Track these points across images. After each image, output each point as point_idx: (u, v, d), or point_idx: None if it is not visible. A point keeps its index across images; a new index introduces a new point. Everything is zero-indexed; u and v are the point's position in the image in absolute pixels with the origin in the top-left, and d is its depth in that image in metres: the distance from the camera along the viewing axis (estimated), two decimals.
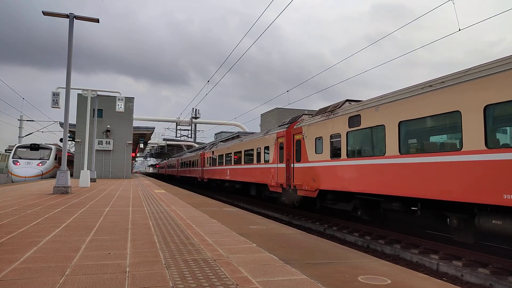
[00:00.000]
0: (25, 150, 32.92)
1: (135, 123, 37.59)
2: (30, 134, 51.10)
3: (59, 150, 34.34)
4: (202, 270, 3.69)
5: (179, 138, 70.24)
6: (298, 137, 14.08)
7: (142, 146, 49.38)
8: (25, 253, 4.33)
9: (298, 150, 13.94)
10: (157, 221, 7.18)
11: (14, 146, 35.15)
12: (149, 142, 54.90)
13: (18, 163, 31.18)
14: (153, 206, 9.95)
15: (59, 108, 17.14)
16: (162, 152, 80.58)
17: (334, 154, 11.45)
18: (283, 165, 14.92)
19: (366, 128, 9.99)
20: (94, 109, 25.44)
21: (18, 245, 4.77)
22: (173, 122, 67.19)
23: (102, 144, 33.41)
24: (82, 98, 30.05)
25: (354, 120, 10.48)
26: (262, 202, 19.99)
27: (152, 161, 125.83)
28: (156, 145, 71.50)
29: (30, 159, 31.77)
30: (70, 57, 14.73)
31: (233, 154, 22.46)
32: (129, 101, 34.05)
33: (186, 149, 59.80)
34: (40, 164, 31.83)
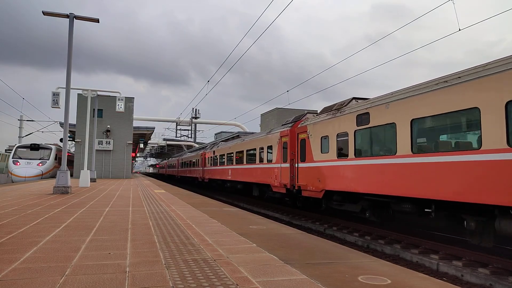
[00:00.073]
0: (25, 150, 32.92)
1: (135, 123, 37.63)
2: (30, 134, 51.19)
3: (59, 150, 34.35)
4: (202, 270, 3.69)
5: (179, 138, 70.27)
6: (302, 136, 13.74)
7: (142, 146, 49.39)
8: (25, 253, 4.33)
9: (303, 149, 13.63)
10: (157, 221, 7.18)
11: (14, 146, 35.13)
12: (149, 142, 54.91)
13: (18, 163, 31.19)
14: (153, 206, 9.95)
15: (59, 108, 17.15)
16: (162, 152, 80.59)
17: (341, 154, 11.13)
18: (287, 165, 14.59)
19: (375, 126, 9.65)
20: (94, 109, 25.45)
21: (18, 245, 4.77)
22: (173, 122, 67.23)
23: (102, 144, 33.41)
24: (82, 98, 30.06)
25: (363, 118, 10.14)
26: (262, 202, 19.97)
27: (152, 161, 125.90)
28: (156, 145, 71.52)
29: (30, 159, 31.77)
30: (70, 57, 14.74)
31: (234, 154, 22.16)
32: (129, 101, 34.05)
33: (186, 149, 59.80)
34: (40, 164, 31.83)
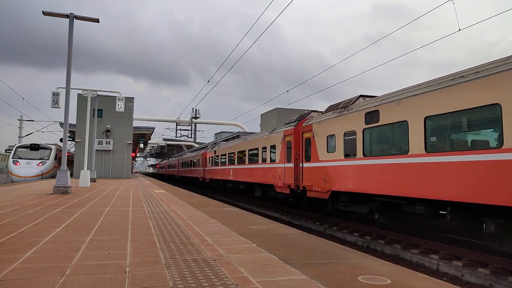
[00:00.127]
0: (25, 150, 32.93)
1: (135, 123, 37.64)
2: (30, 134, 51.21)
3: (59, 150, 34.35)
4: (202, 270, 3.69)
5: (179, 138, 70.28)
6: (307, 135, 13.40)
7: (142, 146, 49.40)
8: (25, 253, 4.33)
9: (308, 149, 13.31)
10: (157, 221, 7.17)
11: (14, 146, 35.15)
12: (149, 142, 54.93)
13: (18, 163, 31.20)
14: (153, 206, 9.95)
15: (59, 108, 17.16)
16: (162, 152, 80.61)
17: (349, 153, 10.78)
18: (291, 164, 14.28)
19: (385, 124, 9.26)
20: (94, 109, 25.46)
21: (18, 245, 4.77)
22: (173, 122, 67.25)
23: (102, 144, 33.41)
24: (82, 98, 30.07)
25: (372, 116, 9.76)
26: (262, 202, 19.97)
27: (152, 161, 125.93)
28: (156, 145, 71.53)
29: (30, 159, 31.78)
30: (70, 57, 14.74)
31: (236, 154, 21.90)
32: (129, 101, 34.06)
33: (186, 149, 59.81)
34: (40, 164, 31.84)
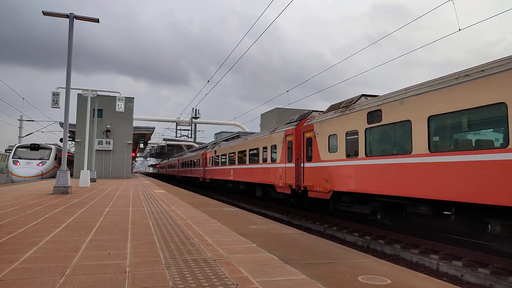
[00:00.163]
0: (25, 150, 32.93)
1: (135, 123, 37.65)
2: (30, 134, 51.20)
3: (59, 150, 34.35)
4: (202, 270, 3.69)
5: (179, 138, 70.29)
6: (308, 135, 13.32)
7: (142, 146, 49.41)
8: (25, 253, 4.33)
9: (309, 148, 13.22)
10: (157, 221, 7.18)
11: (14, 146, 35.16)
12: (149, 142, 54.93)
13: (18, 163, 31.20)
14: (153, 206, 9.95)
15: (59, 108, 17.16)
16: (162, 152, 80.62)
17: (351, 153, 10.68)
18: (292, 164, 14.21)
19: (388, 124, 9.18)
20: (94, 109, 25.46)
21: (18, 245, 4.77)
22: (173, 122, 67.25)
23: (102, 144, 33.42)
24: (82, 98, 30.07)
25: (374, 115, 9.67)
26: (262, 202, 19.96)
27: (152, 161, 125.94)
28: (156, 145, 71.54)
29: (30, 159, 31.78)
30: (70, 57, 14.74)
31: (237, 154, 21.81)
32: (129, 101, 34.06)
33: (186, 149, 59.81)
34: (40, 164, 31.84)
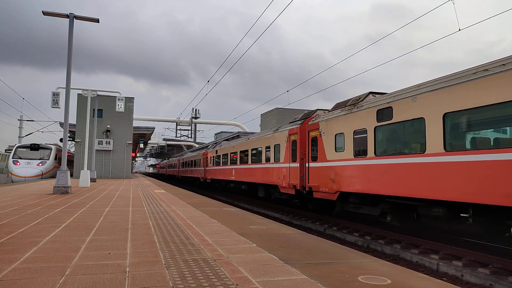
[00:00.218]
0: (25, 150, 32.93)
1: (135, 123, 37.66)
2: (30, 134, 51.21)
3: (59, 150, 34.36)
4: (202, 270, 3.69)
5: (179, 138, 70.31)
6: (314, 134, 12.99)
7: (142, 146, 49.43)
8: (25, 253, 4.33)
9: (314, 148, 12.89)
10: (157, 221, 7.18)
11: (14, 146, 35.17)
12: (149, 142, 54.94)
13: (18, 163, 31.20)
14: (153, 206, 9.95)
15: (59, 108, 17.17)
16: (162, 152, 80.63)
17: (359, 152, 10.34)
18: (296, 164, 13.88)
19: (399, 122, 8.85)
20: (94, 109, 25.46)
21: (18, 245, 4.77)
22: (173, 122, 67.26)
23: (102, 144, 33.42)
24: (82, 98, 30.08)
25: (384, 113, 9.33)
26: (262, 202, 19.96)
27: (152, 161, 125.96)
28: (156, 145, 71.55)
29: (30, 159, 31.78)
30: (70, 57, 14.74)
31: (239, 153, 21.61)
32: (129, 101, 34.07)
33: (186, 149, 59.82)
34: (40, 164, 31.84)
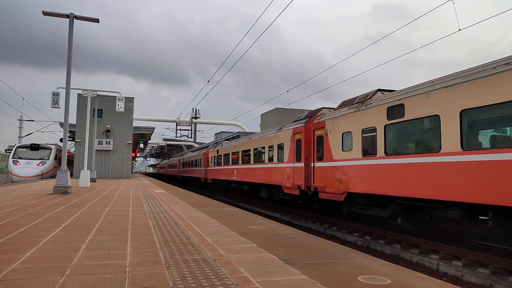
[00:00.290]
0: (25, 150, 32.93)
1: (135, 123, 37.65)
2: (30, 134, 51.21)
3: (59, 150, 34.35)
4: (202, 270, 3.69)
5: (179, 138, 70.31)
6: (319, 132, 12.62)
7: (142, 146, 49.43)
8: (25, 253, 4.33)
9: (320, 147, 12.52)
10: (157, 221, 7.18)
11: (14, 146, 35.17)
12: (149, 142, 54.94)
13: (18, 163, 31.20)
14: (153, 206, 9.95)
15: (59, 108, 17.17)
16: (162, 152, 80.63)
17: (368, 152, 9.99)
18: (301, 164, 13.51)
19: (412, 119, 8.48)
20: (94, 109, 25.46)
21: (18, 245, 4.77)
22: (173, 122, 67.27)
23: (102, 144, 33.42)
24: (82, 98, 30.07)
25: (395, 110, 8.97)
26: (262, 202, 19.96)
27: (152, 161, 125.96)
28: (156, 145, 71.56)
29: (30, 159, 31.78)
30: (70, 57, 14.74)
31: (241, 153, 21.35)
32: (129, 101, 34.07)
33: (186, 149, 59.81)
34: (40, 164, 31.84)
